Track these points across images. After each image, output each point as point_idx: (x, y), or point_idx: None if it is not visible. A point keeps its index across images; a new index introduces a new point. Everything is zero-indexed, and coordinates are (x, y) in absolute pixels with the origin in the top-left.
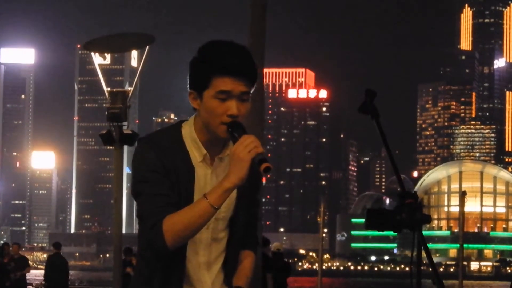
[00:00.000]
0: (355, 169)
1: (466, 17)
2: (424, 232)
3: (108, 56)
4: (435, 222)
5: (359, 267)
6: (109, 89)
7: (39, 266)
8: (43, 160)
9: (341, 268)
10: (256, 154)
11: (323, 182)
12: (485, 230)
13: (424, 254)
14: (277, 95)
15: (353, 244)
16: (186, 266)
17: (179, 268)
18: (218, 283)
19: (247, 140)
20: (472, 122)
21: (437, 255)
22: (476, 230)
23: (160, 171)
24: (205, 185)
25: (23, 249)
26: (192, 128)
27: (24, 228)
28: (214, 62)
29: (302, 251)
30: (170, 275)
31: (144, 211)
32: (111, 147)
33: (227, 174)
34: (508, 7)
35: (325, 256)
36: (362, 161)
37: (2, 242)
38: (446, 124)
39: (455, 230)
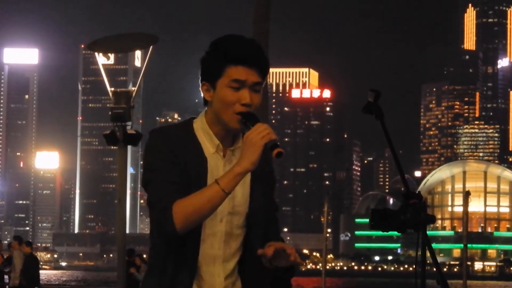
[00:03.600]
0: (359, 169)
1: (470, 16)
2: (428, 232)
3: (111, 56)
4: (439, 222)
5: (363, 267)
6: (112, 89)
7: (43, 266)
8: (47, 160)
9: (345, 268)
10: (269, 140)
11: (327, 182)
12: (489, 230)
13: (428, 254)
14: (280, 95)
15: (356, 244)
16: (199, 258)
17: (192, 258)
18: (230, 279)
19: (261, 127)
20: (476, 122)
21: (441, 255)
22: (480, 230)
23: (171, 160)
24: (217, 176)
25: None
26: (204, 120)
27: (28, 228)
28: (228, 51)
29: (305, 251)
30: (182, 265)
31: (154, 197)
32: (115, 147)
33: (239, 159)
34: None
35: (328, 256)
36: (365, 161)
37: (6, 242)
38: (449, 124)
39: (459, 230)
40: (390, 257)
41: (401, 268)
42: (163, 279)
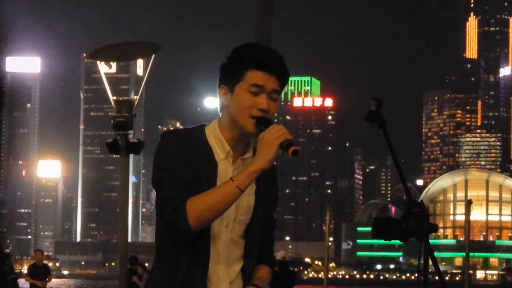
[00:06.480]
0: (361, 177)
1: (472, 25)
2: (430, 241)
3: (113, 64)
4: (441, 230)
5: (364, 276)
6: (115, 97)
7: None
8: (49, 169)
9: (347, 276)
10: (284, 139)
11: (329, 191)
12: (491, 238)
13: (430, 263)
14: (282, 103)
15: (358, 253)
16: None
17: (204, 261)
18: (235, 285)
19: (276, 128)
20: (478, 131)
21: (442, 263)
22: (481, 239)
23: (184, 161)
24: None
25: (29, 257)
26: (217, 126)
27: (29, 236)
28: (249, 56)
29: (307, 260)
30: (195, 266)
31: (167, 195)
32: (117, 156)
33: (254, 158)
34: None
35: (330, 265)
36: (367, 170)
37: (8, 250)
38: (451, 132)
39: (461, 239)
40: (392, 266)
41: (403, 277)
42: (175, 280)
